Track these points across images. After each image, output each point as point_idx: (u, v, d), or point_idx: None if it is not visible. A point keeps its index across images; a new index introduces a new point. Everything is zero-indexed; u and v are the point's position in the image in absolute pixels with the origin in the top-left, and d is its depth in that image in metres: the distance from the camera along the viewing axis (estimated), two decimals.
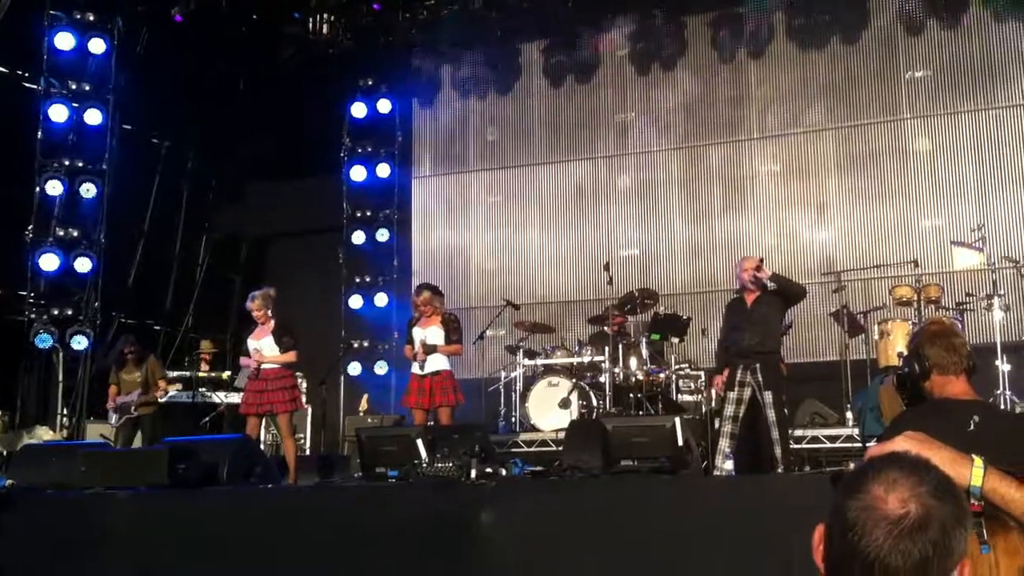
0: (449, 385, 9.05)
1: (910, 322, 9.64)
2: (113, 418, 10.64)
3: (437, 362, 9.05)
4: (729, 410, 8.27)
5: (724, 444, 8.14)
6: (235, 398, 11.03)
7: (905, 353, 3.53)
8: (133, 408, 10.54)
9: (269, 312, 9.08)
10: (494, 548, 5.96)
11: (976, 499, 2.13)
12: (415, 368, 9.10)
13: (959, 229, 11.14)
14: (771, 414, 8.12)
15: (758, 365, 8.22)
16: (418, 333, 9.15)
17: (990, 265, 9.86)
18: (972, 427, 3.11)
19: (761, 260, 8.57)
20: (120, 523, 6.85)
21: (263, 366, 8.89)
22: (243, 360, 9.29)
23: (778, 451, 8.10)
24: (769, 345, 8.36)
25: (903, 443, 2.08)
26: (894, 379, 3.76)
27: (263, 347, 8.95)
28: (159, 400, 10.81)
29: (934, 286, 10.01)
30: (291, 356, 8.99)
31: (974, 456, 2.22)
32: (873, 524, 1.49)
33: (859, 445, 8.65)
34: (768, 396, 8.13)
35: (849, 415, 9.79)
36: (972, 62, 11.97)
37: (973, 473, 2.18)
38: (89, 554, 6.71)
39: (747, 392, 8.26)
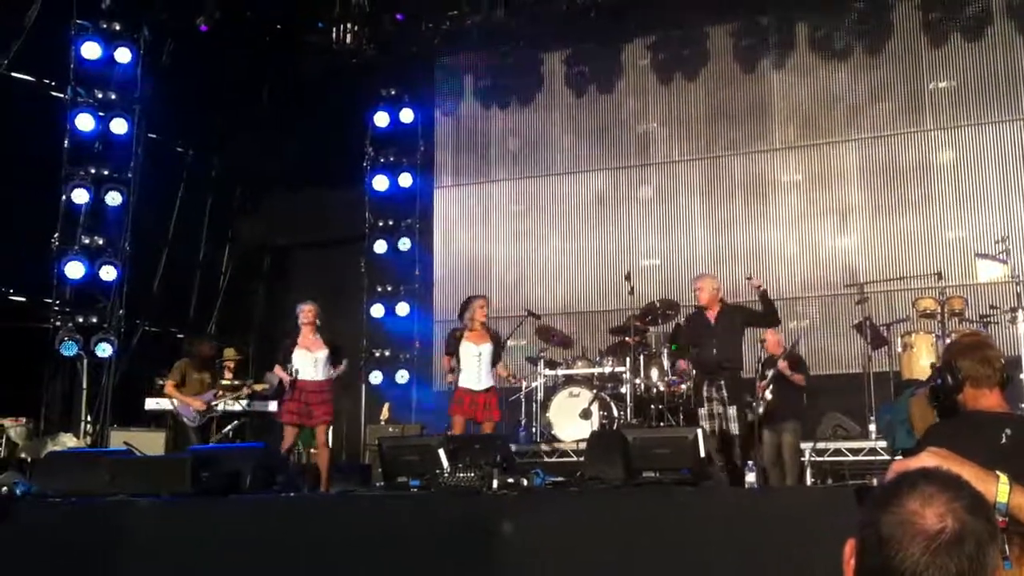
0: (498, 400, 9.49)
1: (934, 335, 9.59)
2: (193, 415, 10.60)
3: (491, 378, 9.41)
4: (705, 427, 8.38)
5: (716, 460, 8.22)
6: (258, 406, 11.07)
7: (938, 364, 3.51)
8: (217, 406, 10.60)
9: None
10: (515, 558, 5.95)
11: (1001, 515, 2.13)
12: (468, 383, 9.32)
13: (983, 241, 11.06)
14: (733, 427, 8.23)
15: (723, 381, 8.30)
16: (471, 349, 9.37)
17: (1014, 277, 9.81)
18: (1004, 440, 3.09)
19: (749, 276, 8.72)
20: (143, 531, 6.88)
21: (309, 378, 9.09)
22: (280, 372, 9.40)
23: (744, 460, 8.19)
24: (734, 361, 8.44)
25: (928, 459, 2.08)
26: (927, 391, 3.74)
27: (320, 359, 9.16)
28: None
29: (958, 298, 9.95)
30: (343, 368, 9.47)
31: (999, 473, 2.21)
32: (910, 539, 1.48)
33: (883, 458, 8.61)
34: (732, 411, 8.22)
35: (872, 428, 9.74)
36: (996, 73, 11.91)
37: (999, 490, 2.18)
38: (112, 562, 6.74)
39: (716, 408, 8.39)
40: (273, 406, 10.62)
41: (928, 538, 1.47)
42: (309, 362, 9.13)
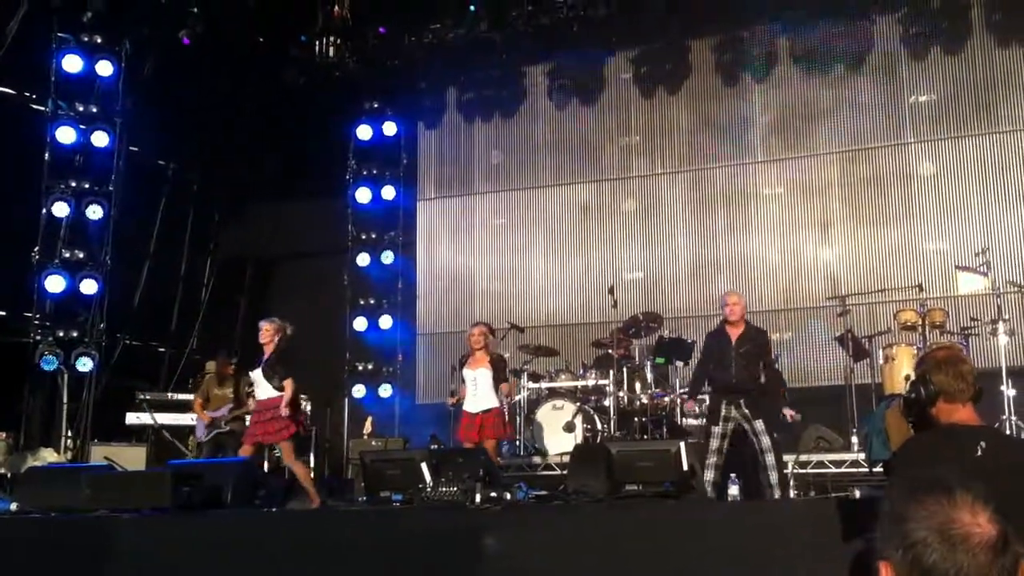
0: (499, 420, 9.32)
1: (915, 347, 9.62)
2: (201, 432, 10.57)
3: (488, 400, 9.27)
4: (714, 444, 8.41)
5: (709, 475, 8.22)
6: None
7: (912, 377, 3.52)
8: (224, 423, 10.51)
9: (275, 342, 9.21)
10: (498, 572, 5.93)
11: None
12: (466, 406, 9.34)
13: (964, 253, 11.14)
14: (764, 440, 8.19)
15: (743, 400, 8.31)
16: (468, 374, 9.40)
17: (995, 290, 9.85)
18: (979, 452, 3.12)
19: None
20: (124, 546, 6.83)
21: (259, 397, 9.06)
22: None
23: (775, 476, 8.16)
24: (754, 382, 8.48)
25: None
26: (900, 403, 3.75)
27: (257, 378, 9.12)
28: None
29: (939, 310, 10.00)
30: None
31: None
32: (974, 548, 1.52)
33: (865, 470, 8.61)
34: (759, 424, 8.22)
35: (855, 440, 9.75)
36: (975, 86, 12.01)
37: None
38: None
39: (731, 426, 8.41)
40: None
41: (991, 546, 1.51)
42: (258, 381, 9.11)
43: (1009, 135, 11.83)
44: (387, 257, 13.98)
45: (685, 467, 6.86)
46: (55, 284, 11.89)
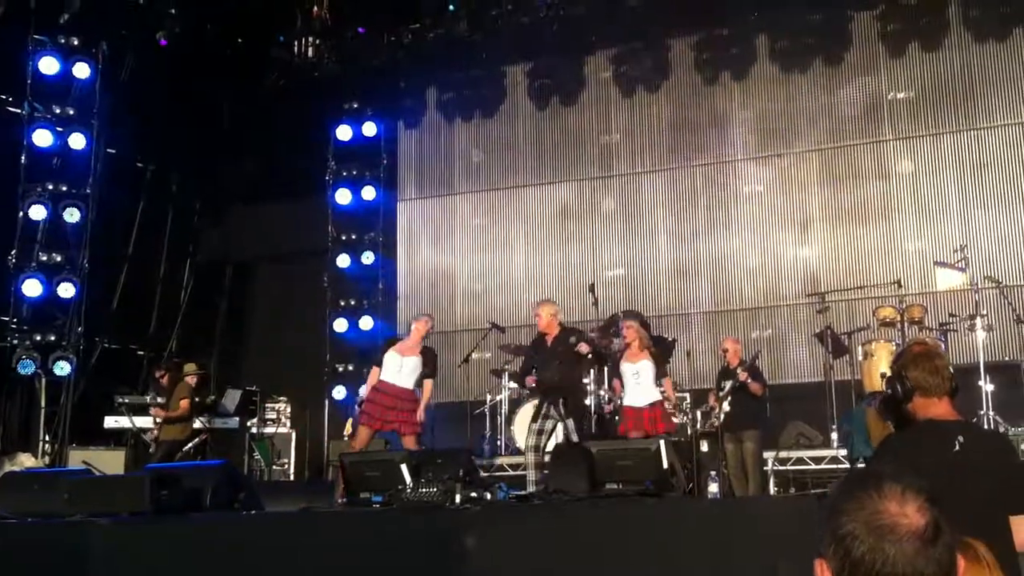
0: (666, 413, 9.25)
1: (894, 343, 9.66)
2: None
3: (654, 393, 9.18)
4: (531, 441, 8.85)
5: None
6: (218, 423, 10.95)
7: (889, 374, 3.53)
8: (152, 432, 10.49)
9: None
10: (478, 573, 5.92)
11: None
12: (629, 401, 9.23)
13: (942, 250, 11.17)
14: (574, 438, 8.59)
15: (562, 399, 8.72)
16: (628, 368, 9.28)
17: (973, 286, 9.91)
18: (957, 447, 3.12)
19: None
20: (102, 551, 6.78)
21: (396, 383, 8.96)
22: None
23: None
24: (573, 381, 9.02)
25: None
26: (879, 402, 3.75)
27: (407, 365, 9.09)
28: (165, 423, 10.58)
29: (917, 307, 10.05)
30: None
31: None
32: (900, 540, 1.48)
33: (845, 467, 8.65)
34: (571, 423, 8.63)
35: (834, 436, 9.79)
36: (953, 83, 12.05)
37: None
38: None
39: (548, 424, 8.77)
40: (234, 423, 10.51)
41: (918, 536, 1.48)
42: (405, 366, 9.04)
43: (987, 131, 11.88)
44: (367, 258, 13.93)
45: (665, 465, 6.85)
46: (32, 288, 11.83)
